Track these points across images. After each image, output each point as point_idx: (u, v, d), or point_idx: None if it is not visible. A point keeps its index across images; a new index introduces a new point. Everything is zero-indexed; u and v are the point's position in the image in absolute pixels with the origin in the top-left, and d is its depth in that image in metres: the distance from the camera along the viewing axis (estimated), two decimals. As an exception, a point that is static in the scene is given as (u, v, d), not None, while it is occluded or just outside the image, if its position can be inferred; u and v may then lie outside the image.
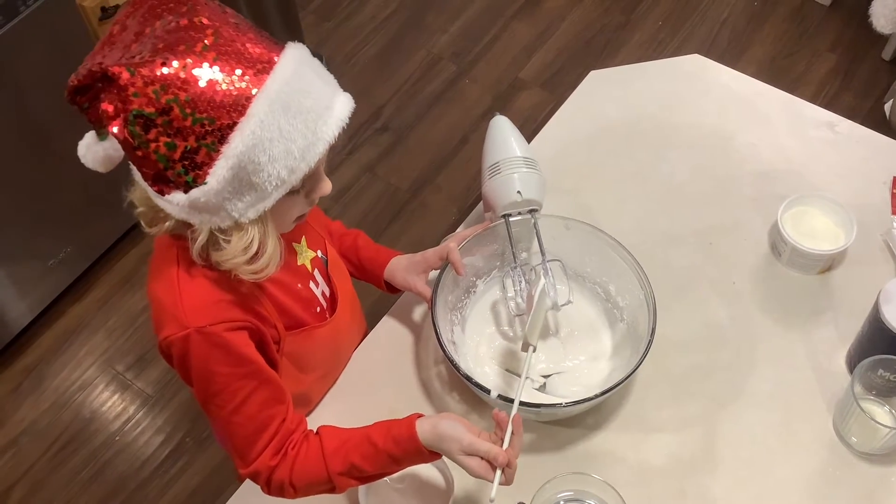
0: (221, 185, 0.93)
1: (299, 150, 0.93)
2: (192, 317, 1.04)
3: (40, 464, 2.21)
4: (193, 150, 0.91)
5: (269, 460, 1.11)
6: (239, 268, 1.00)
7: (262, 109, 0.90)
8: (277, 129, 0.91)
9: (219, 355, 1.05)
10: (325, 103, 0.96)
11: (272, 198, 0.95)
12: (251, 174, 0.92)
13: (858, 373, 1.25)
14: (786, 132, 1.63)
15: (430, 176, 2.68)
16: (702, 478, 1.26)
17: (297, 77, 0.94)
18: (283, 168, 0.93)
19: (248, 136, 0.90)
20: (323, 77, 0.99)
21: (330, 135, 0.95)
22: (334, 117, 0.96)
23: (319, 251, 1.26)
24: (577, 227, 1.38)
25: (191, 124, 0.90)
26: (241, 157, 0.91)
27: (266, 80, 0.91)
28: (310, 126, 0.93)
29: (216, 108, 0.90)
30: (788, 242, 1.41)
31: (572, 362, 1.35)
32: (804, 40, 2.95)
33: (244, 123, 0.90)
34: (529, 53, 2.96)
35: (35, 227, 2.23)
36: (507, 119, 1.45)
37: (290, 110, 0.92)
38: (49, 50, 2.02)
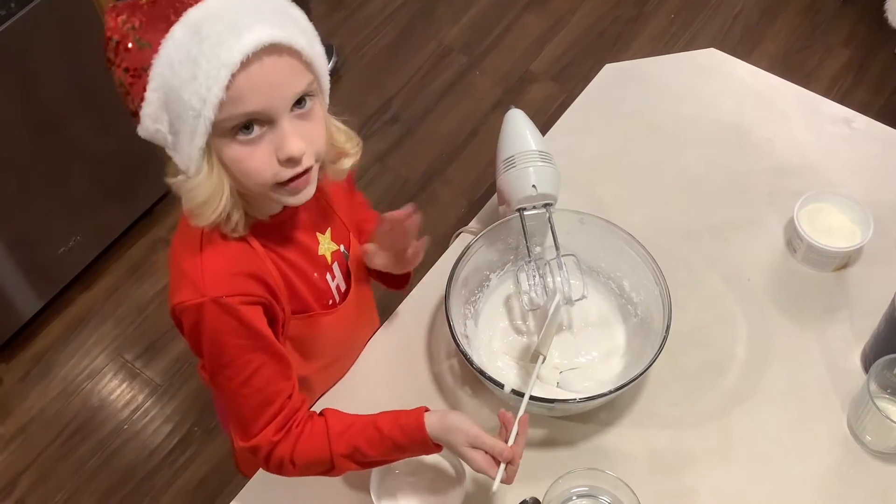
0: (152, 110, 0.95)
1: (204, 75, 0.91)
2: (211, 286, 1.04)
3: (48, 452, 2.21)
4: (137, 74, 0.94)
5: (273, 436, 1.11)
6: (197, 216, 1.01)
7: (178, 32, 0.92)
8: (186, 51, 0.92)
9: (232, 326, 1.05)
10: (237, 30, 0.92)
11: (199, 131, 0.94)
12: (173, 101, 0.94)
13: (875, 371, 1.24)
14: (802, 128, 1.62)
15: (440, 168, 2.68)
16: (715, 475, 1.25)
17: (223, 4, 0.93)
18: (194, 95, 0.92)
19: (163, 58, 0.93)
20: (256, 11, 0.94)
21: (231, 61, 0.91)
22: (241, 43, 0.91)
23: (342, 245, 1.25)
24: (591, 222, 1.37)
25: (138, 48, 0.94)
26: (159, 80, 0.93)
27: (195, 5, 0.93)
28: (214, 50, 0.91)
29: (153, 33, 0.93)
30: (804, 239, 1.40)
31: (585, 358, 1.34)
32: (817, 35, 2.93)
33: (163, 45, 0.93)
34: (540, 46, 2.95)
35: (45, 216, 2.23)
36: (523, 112, 1.44)
37: (200, 34, 0.92)
38: (61, 37, 2.02)
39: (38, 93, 2.05)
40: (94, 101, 2.14)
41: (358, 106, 2.78)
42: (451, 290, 1.30)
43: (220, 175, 0.99)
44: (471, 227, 1.52)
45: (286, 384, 1.12)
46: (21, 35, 1.93)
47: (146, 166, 2.37)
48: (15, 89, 1.99)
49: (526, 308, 1.38)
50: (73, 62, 2.07)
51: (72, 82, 2.09)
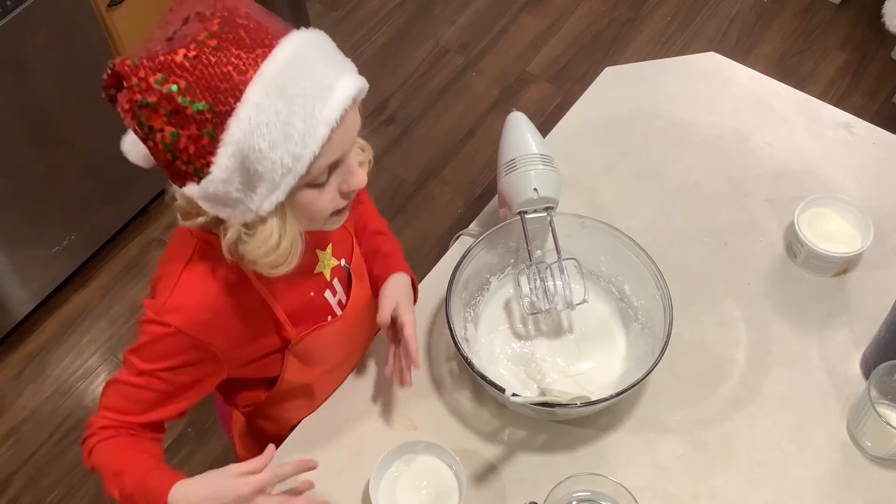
0: (226, 175, 0.91)
1: (299, 134, 0.89)
2: (169, 312, 1.04)
3: (42, 451, 2.20)
4: (197, 138, 0.90)
5: (99, 428, 1.12)
6: (258, 262, 0.99)
7: (257, 93, 0.88)
8: (274, 112, 0.88)
9: (162, 347, 1.06)
10: (327, 84, 0.91)
11: (282, 188, 0.93)
12: (255, 162, 0.90)
13: (875, 377, 1.24)
14: (802, 132, 1.62)
15: (436, 168, 2.67)
16: (716, 479, 1.25)
17: (296, 59, 0.90)
18: (286, 154, 0.90)
19: (244, 121, 0.88)
20: (329, 59, 0.94)
21: (331, 117, 0.90)
22: (334, 98, 0.91)
23: (343, 260, 1.24)
24: (592, 226, 1.37)
25: (192, 112, 0.89)
26: (240, 144, 0.89)
27: (263, 63, 0.89)
28: (307, 108, 0.89)
29: (214, 94, 0.88)
30: (805, 244, 1.40)
31: (586, 363, 1.34)
32: (813, 38, 2.94)
33: (240, 108, 0.88)
34: (537, 47, 2.95)
35: (39, 215, 2.21)
36: (524, 115, 1.44)
37: (286, 93, 0.88)
38: (57, 36, 2.01)
39: (32, 91, 2.03)
40: (89, 100, 2.13)
41: (354, 106, 2.77)
42: (451, 293, 1.29)
43: (291, 221, 0.99)
44: (471, 230, 1.51)
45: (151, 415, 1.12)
46: (16, 34, 1.92)
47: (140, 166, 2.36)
48: (9, 88, 1.98)
49: (526, 312, 1.38)
50: (68, 61, 2.05)
51: (67, 81, 2.08)
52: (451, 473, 1.23)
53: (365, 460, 1.26)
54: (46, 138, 2.13)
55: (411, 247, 2.49)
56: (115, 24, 2.15)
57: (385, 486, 1.23)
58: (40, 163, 2.14)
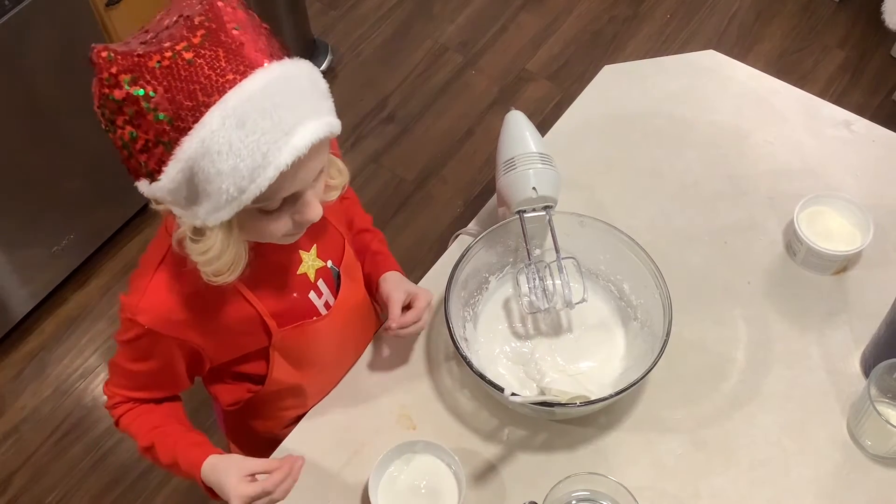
0: (174, 185, 0.91)
1: (248, 170, 0.89)
2: (142, 311, 1.06)
3: (41, 451, 2.20)
4: (153, 144, 0.90)
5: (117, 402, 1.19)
6: (200, 267, 1.00)
7: (215, 120, 0.87)
8: (227, 143, 0.87)
9: (142, 345, 1.10)
10: (285, 128, 0.89)
11: (226, 210, 0.93)
12: (202, 182, 0.90)
13: (875, 376, 1.24)
14: (802, 130, 1.62)
15: (436, 167, 2.67)
16: (716, 479, 1.25)
17: (263, 94, 0.88)
18: (232, 185, 0.89)
19: (196, 143, 0.88)
20: (299, 99, 0.92)
21: (282, 162, 0.89)
22: (290, 144, 0.90)
23: (331, 261, 1.23)
24: (591, 224, 1.36)
25: (153, 119, 0.89)
26: (189, 163, 0.89)
27: (228, 92, 0.88)
28: (261, 148, 0.88)
29: (176, 109, 0.88)
30: (804, 242, 1.40)
31: (585, 362, 1.34)
32: (813, 36, 2.93)
33: (197, 129, 0.88)
34: (537, 45, 2.94)
35: (38, 214, 2.21)
36: (523, 114, 1.43)
37: (244, 127, 0.87)
38: (55, 35, 2.00)
39: (31, 91, 2.03)
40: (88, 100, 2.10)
41: (353, 105, 2.77)
42: (450, 292, 1.29)
43: (237, 237, 0.99)
44: (470, 229, 1.51)
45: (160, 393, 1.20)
46: (14, 33, 1.91)
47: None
48: (8, 87, 1.97)
49: (525, 311, 1.37)
50: (66, 60, 2.05)
51: (65, 80, 2.07)
52: (450, 473, 1.23)
53: (364, 460, 1.26)
54: (45, 138, 2.12)
55: (410, 245, 2.49)
56: (112, 23, 2.14)
57: (384, 486, 1.22)
58: (39, 162, 2.14)
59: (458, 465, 1.22)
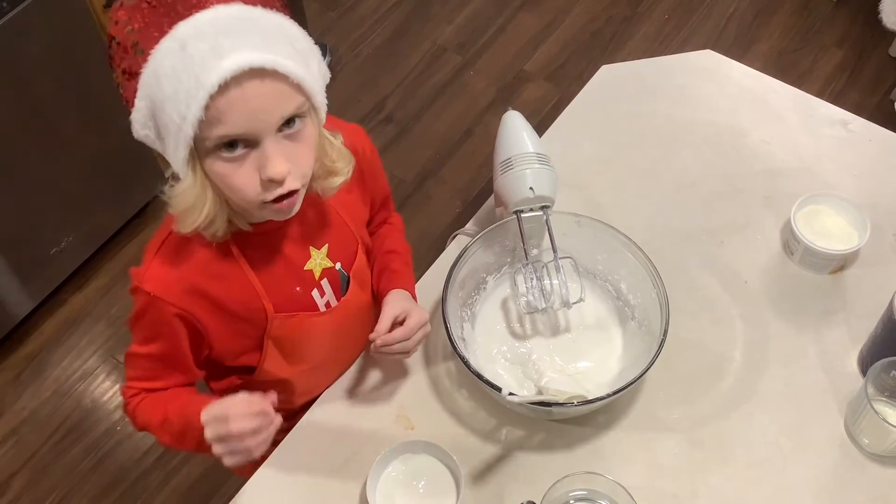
0: (141, 117, 0.96)
1: (185, 93, 0.91)
2: (150, 281, 1.10)
3: (41, 453, 2.20)
4: (130, 77, 0.95)
5: (131, 397, 1.20)
6: (179, 219, 1.02)
7: (165, 45, 0.92)
8: (171, 66, 0.91)
9: (150, 318, 1.12)
10: (220, 52, 0.90)
11: (181, 144, 0.95)
12: (158, 112, 0.94)
13: (872, 374, 1.24)
14: (799, 130, 1.62)
15: (435, 168, 2.67)
16: (713, 477, 1.25)
17: (212, 22, 0.92)
18: (174, 111, 0.92)
19: (151, 68, 0.93)
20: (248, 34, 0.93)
21: (209, 83, 0.90)
22: (220, 66, 0.90)
23: (340, 264, 1.23)
24: (588, 224, 1.37)
25: (134, 52, 0.94)
26: (146, 89, 0.94)
27: (179, 22, 0.92)
28: (195, 70, 0.91)
29: (147, 40, 0.93)
30: (801, 242, 1.40)
31: (582, 361, 1.34)
32: (811, 35, 2.93)
33: (152, 55, 0.93)
34: (535, 45, 2.95)
35: (37, 216, 2.21)
36: (520, 114, 1.43)
37: (185, 50, 0.91)
38: (53, 37, 2.01)
39: (30, 92, 2.04)
40: (87, 101, 2.13)
41: (352, 106, 2.77)
42: (447, 292, 1.29)
43: (204, 185, 1.00)
44: (467, 229, 1.51)
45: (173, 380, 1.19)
46: (13, 34, 1.92)
47: (139, 166, 2.36)
48: (7, 89, 1.98)
49: (523, 311, 1.38)
50: (65, 62, 2.05)
51: (64, 82, 2.08)
52: (448, 473, 1.23)
53: (362, 460, 1.26)
54: (44, 140, 2.13)
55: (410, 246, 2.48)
56: (111, 26, 2.15)
57: (382, 486, 1.23)
58: (38, 164, 2.14)
59: (456, 465, 1.22)
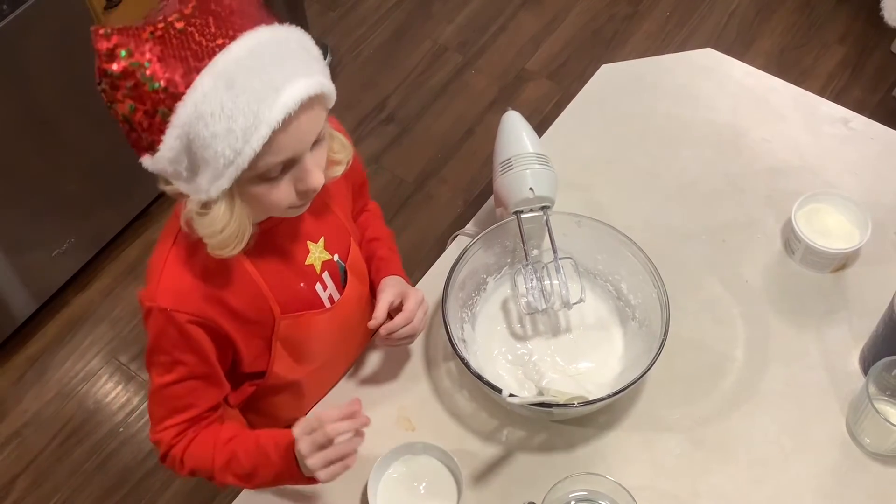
0: (173, 154, 0.94)
1: (241, 130, 0.91)
2: (163, 295, 1.07)
3: (44, 455, 2.20)
4: (151, 114, 0.92)
5: (172, 439, 1.16)
6: (206, 241, 1.01)
7: (207, 82, 0.90)
8: (219, 104, 0.90)
9: (171, 337, 1.09)
10: (275, 85, 0.91)
11: (226, 176, 0.94)
12: (200, 148, 0.92)
13: (873, 373, 1.24)
14: (800, 128, 1.61)
15: (436, 167, 2.67)
16: (715, 477, 1.25)
17: (252, 55, 0.91)
18: (227, 147, 0.92)
19: (189, 108, 0.90)
20: (289, 58, 0.94)
21: (273, 119, 0.91)
22: (280, 101, 0.91)
23: (337, 255, 1.24)
24: (588, 224, 1.36)
25: (149, 90, 0.91)
26: (185, 129, 0.91)
27: (219, 53, 0.90)
28: (251, 107, 0.90)
29: (170, 77, 0.90)
30: (802, 240, 1.40)
31: (583, 364, 1.34)
32: (813, 32, 2.92)
33: (189, 95, 0.90)
34: (536, 44, 2.94)
35: (39, 217, 2.21)
36: (519, 114, 1.43)
37: (233, 87, 0.90)
38: (54, 39, 2.01)
39: (31, 94, 2.04)
40: (88, 102, 2.12)
41: (353, 105, 2.77)
42: (448, 293, 1.29)
43: (239, 207, 1.00)
44: (468, 230, 1.51)
45: (205, 402, 1.16)
46: (14, 36, 1.92)
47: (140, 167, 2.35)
48: (8, 91, 1.98)
49: (524, 312, 1.37)
50: (66, 63, 2.05)
51: (65, 83, 2.08)
52: (449, 474, 1.23)
53: (363, 461, 1.25)
54: (45, 141, 2.13)
55: (411, 246, 2.49)
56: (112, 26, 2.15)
57: (383, 488, 1.23)
58: (39, 166, 2.14)
59: (457, 466, 1.22)
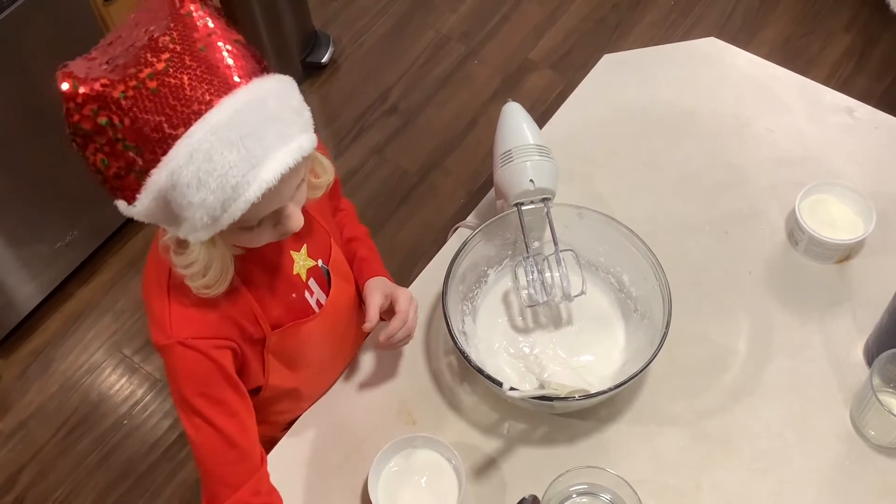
0: (149, 212, 0.92)
1: (218, 201, 0.89)
2: (178, 326, 1.04)
3: (48, 447, 2.21)
4: (125, 173, 0.90)
5: (249, 497, 1.10)
6: (186, 278, 0.99)
7: (182, 154, 0.87)
8: (196, 177, 0.87)
9: (203, 368, 1.06)
10: (254, 161, 0.88)
11: (204, 233, 0.92)
12: (175, 209, 0.90)
13: (878, 365, 1.23)
14: (803, 118, 1.60)
15: (439, 159, 2.66)
16: (717, 471, 1.24)
17: (230, 126, 0.87)
18: (205, 215, 0.89)
19: (165, 176, 0.88)
20: (268, 126, 0.90)
21: (252, 195, 0.89)
22: (259, 179, 0.89)
23: (320, 260, 1.23)
24: (590, 216, 1.35)
25: (122, 149, 0.89)
26: (161, 193, 0.89)
27: (193, 124, 0.87)
28: (230, 181, 0.88)
29: (145, 141, 0.87)
30: (806, 231, 1.39)
31: (584, 356, 1.33)
32: (818, 21, 2.90)
33: (164, 163, 0.87)
34: (539, 34, 2.93)
35: (42, 210, 2.21)
36: (520, 105, 1.42)
37: (211, 161, 0.87)
38: (54, 31, 2.00)
39: (32, 87, 2.03)
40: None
41: (355, 96, 2.76)
42: (448, 286, 1.28)
43: (220, 249, 0.99)
44: (468, 222, 1.50)
45: (255, 438, 1.13)
46: (14, 29, 1.91)
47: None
48: (9, 84, 1.97)
49: (524, 304, 1.37)
50: (66, 55, 2.02)
51: (66, 76, 2.07)
52: (450, 468, 1.23)
53: (364, 455, 1.25)
54: (46, 134, 2.12)
55: (414, 238, 2.48)
56: (111, 19, 2.14)
57: (384, 481, 1.22)
58: (41, 159, 2.14)
59: (458, 460, 1.21)
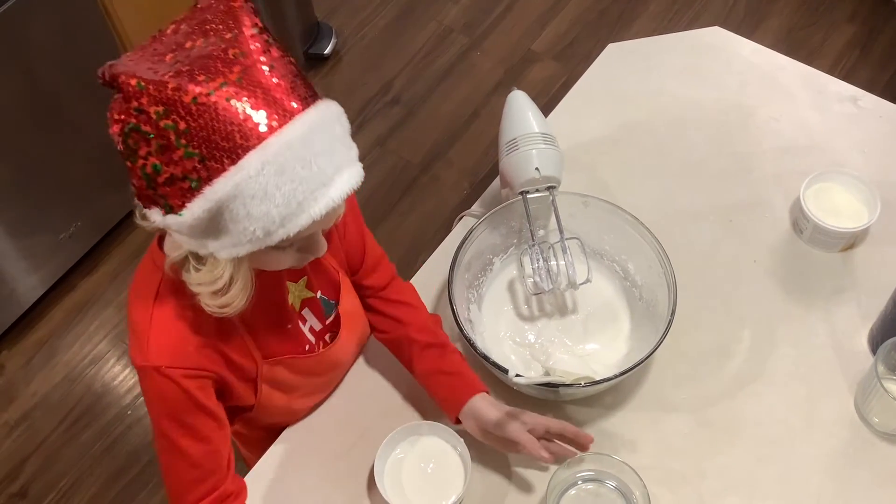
0: (195, 222, 0.89)
1: (280, 216, 0.88)
2: (155, 352, 1.03)
3: (53, 437, 2.21)
4: (178, 179, 0.87)
5: None
6: (202, 296, 0.98)
7: (253, 165, 0.86)
8: (263, 189, 0.86)
9: (172, 396, 1.05)
10: (325, 179, 0.90)
11: (245, 248, 0.91)
12: (228, 221, 0.89)
13: (882, 353, 1.23)
14: (808, 107, 1.60)
15: (442, 150, 2.66)
16: (722, 458, 1.25)
17: (304, 143, 0.88)
18: (260, 228, 0.88)
19: (231, 186, 0.86)
20: (336, 145, 0.92)
21: (317, 213, 0.90)
22: (328, 196, 0.90)
23: (320, 292, 1.22)
24: (595, 204, 1.36)
25: (182, 156, 0.86)
26: (219, 203, 0.87)
27: (269, 137, 0.86)
28: (297, 197, 0.88)
29: (210, 149, 0.85)
30: (811, 220, 1.39)
31: (589, 344, 1.33)
32: (821, 11, 2.90)
33: (232, 173, 0.86)
34: (542, 24, 2.92)
35: (45, 202, 2.21)
36: (525, 94, 1.42)
37: (283, 175, 0.86)
38: (59, 23, 2.00)
39: (36, 78, 2.03)
40: (93, 86, 2.10)
41: (358, 88, 2.76)
42: (454, 274, 1.28)
43: (246, 266, 0.97)
44: (473, 211, 1.50)
45: (222, 462, 1.13)
46: (18, 20, 1.91)
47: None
48: (13, 75, 1.97)
49: (530, 292, 1.37)
50: (70, 47, 2.05)
51: (70, 67, 2.07)
52: (455, 455, 1.23)
53: (370, 443, 1.26)
54: (51, 125, 2.13)
55: (417, 228, 2.48)
56: (115, 10, 2.13)
57: (390, 468, 1.23)
58: (45, 150, 2.14)
59: (463, 447, 1.22)
